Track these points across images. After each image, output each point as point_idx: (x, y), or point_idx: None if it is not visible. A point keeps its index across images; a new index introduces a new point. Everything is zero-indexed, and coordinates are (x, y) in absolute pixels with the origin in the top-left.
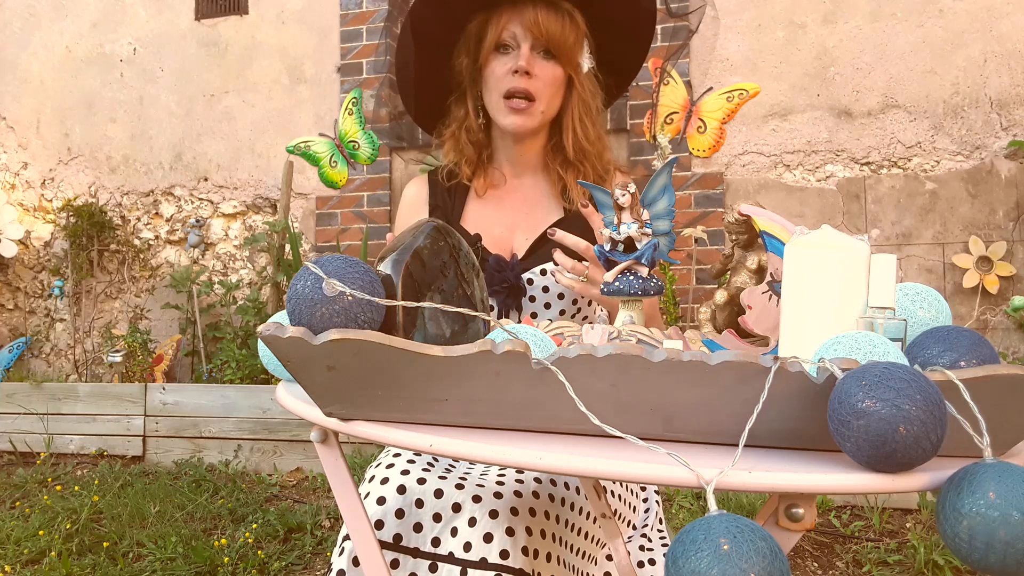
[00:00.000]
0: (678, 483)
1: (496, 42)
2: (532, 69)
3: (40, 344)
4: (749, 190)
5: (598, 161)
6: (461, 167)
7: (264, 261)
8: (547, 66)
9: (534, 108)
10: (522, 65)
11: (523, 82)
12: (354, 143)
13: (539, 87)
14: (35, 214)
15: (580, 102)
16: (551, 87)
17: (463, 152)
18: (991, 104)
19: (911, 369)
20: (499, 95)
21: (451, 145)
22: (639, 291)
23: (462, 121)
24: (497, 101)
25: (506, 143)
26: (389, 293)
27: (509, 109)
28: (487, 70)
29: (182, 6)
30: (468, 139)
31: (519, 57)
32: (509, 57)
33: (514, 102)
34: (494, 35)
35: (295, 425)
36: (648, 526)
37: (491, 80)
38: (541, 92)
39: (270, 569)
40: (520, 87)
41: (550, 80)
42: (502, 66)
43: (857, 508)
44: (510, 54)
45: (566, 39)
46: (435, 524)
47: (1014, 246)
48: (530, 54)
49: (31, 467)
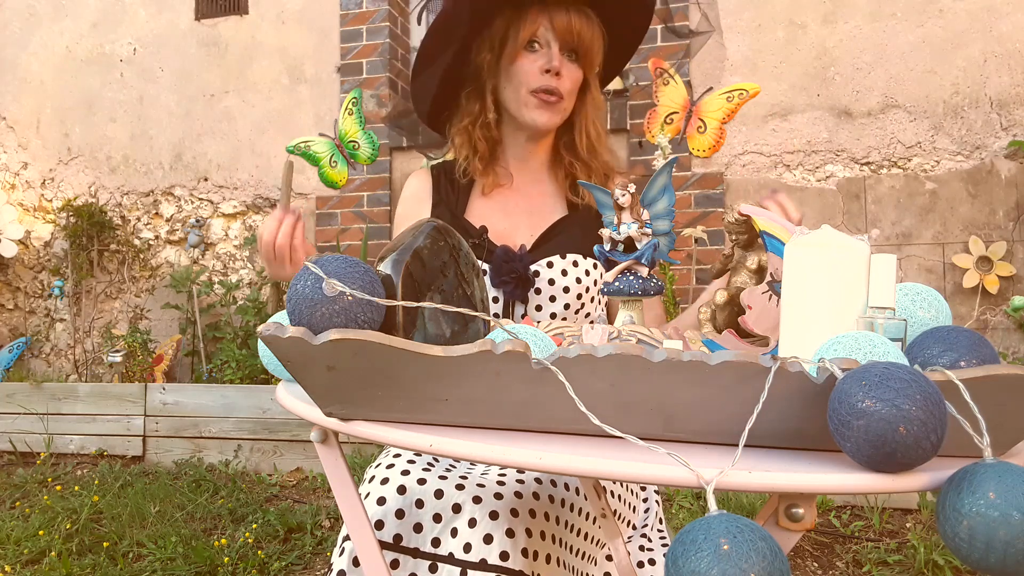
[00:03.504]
0: (678, 483)
1: (528, 40)
2: (562, 70)
3: (40, 344)
4: (749, 190)
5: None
6: (473, 162)
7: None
8: (572, 68)
9: (562, 105)
10: (555, 65)
11: (555, 81)
12: (354, 143)
13: (567, 87)
14: (35, 214)
15: (593, 104)
16: (574, 88)
17: (476, 147)
18: (991, 104)
19: (911, 369)
20: (527, 91)
21: (463, 140)
22: (639, 291)
23: (477, 116)
24: (525, 96)
25: (518, 140)
26: (389, 293)
27: (540, 103)
28: (514, 66)
29: (182, 6)
30: (482, 135)
31: (551, 57)
32: (538, 55)
33: (545, 96)
34: (527, 33)
35: (295, 425)
36: (648, 526)
37: (518, 76)
38: (568, 92)
39: (270, 569)
40: (552, 86)
41: (574, 81)
42: (531, 63)
43: (857, 508)
44: (539, 52)
45: (593, 44)
46: (435, 525)
47: (1014, 246)
48: (560, 55)
49: (31, 467)
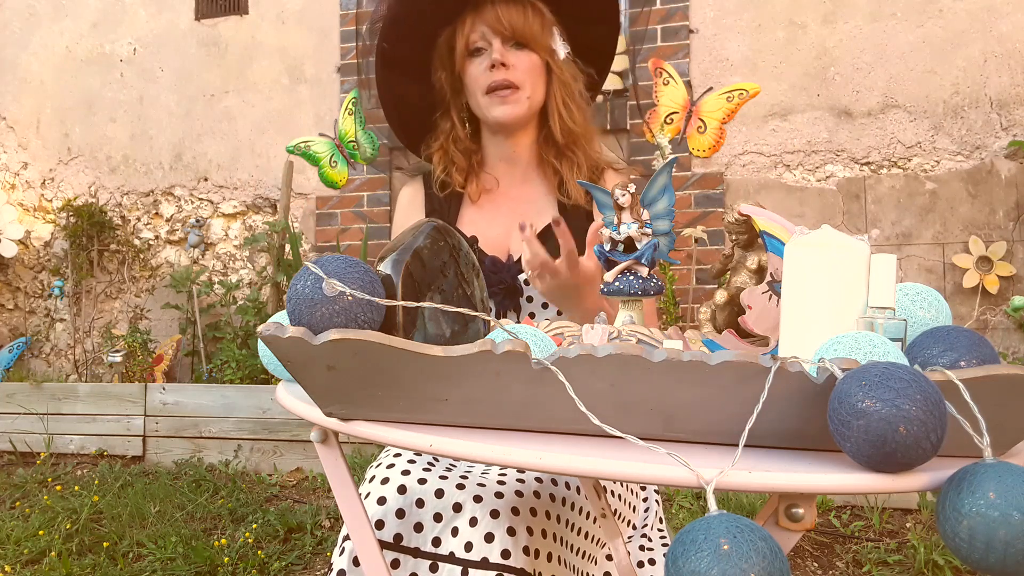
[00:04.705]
0: (678, 483)
1: (467, 48)
2: (507, 60)
3: (40, 344)
4: (749, 190)
5: (588, 147)
6: (452, 175)
7: (264, 261)
8: (521, 55)
9: (520, 95)
10: (496, 58)
11: (501, 73)
12: (354, 143)
13: (519, 75)
14: (35, 214)
15: (561, 85)
16: (531, 74)
17: (453, 161)
18: (991, 104)
19: (911, 369)
20: (482, 93)
21: (440, 157)
22: (639, 291)
23: (448, 133)
24: (482, 99)
25: (498, 141)
26: (389, 293)
27: (496, 99)
28: (466, 76)
29: (182, 6)
30: (456, 148)
31: (492, 52)
32: (483, 57)
33: (499, 92)
34: (463, 41)
35: (295, 425)
36: (648, 526)
37: (471, 83)
38: (523, 80)
39: (270, 569)
40: (500, 79)
41: (527, 67)
42: (478, 66)
43: (857, 508)
44: (484, 54)
45: (530, 27)
46: (436, 524)
47: (1014, 246)
48: (503, 48)
49: (31, 467)
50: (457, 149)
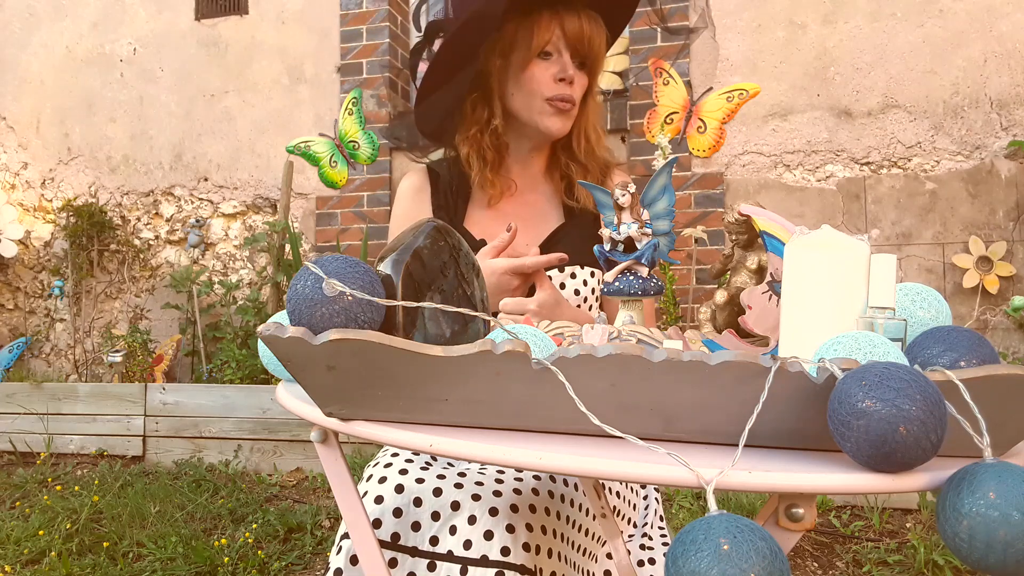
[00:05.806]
0: (678, 483)
1: (539, 47)
2: (574, 78)
3: (40, 344)
4: (749, 190)
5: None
6: (484, 173)
7: (264, 261)
8: (582, 76)
9: (573, 112)
10: (570, 74)
11: (568, 89)
12: (354, 143)
13: (578, 95)
14: (35, 214)
15: (595, 108)
16: (582, 95)
17: (485, 156)
18: (991, 104)
19: (911, 369)
20: (541, 99)
21: (471, 149)
22: (639, 291)
23: (485, 123)
24: (540, 105)
25: (522, 146)
26: (389, 293)
27: (555, 110)
28: (526, 74)
29: (182, 6)
30: (491, 142)
31: (565, 66)
32: (551, 63)
33: (561, 104)
34: (540, 41)
35: (295, 425)
36: (648, 524)
37: (531, 83)
38: (578, 99)
39: (270, 569)
40: (568, 94)
41: (583, 88)
42: (544, 71)
43: (857, 508)
44: (551, 60)
45: (601, 51)
46: (433, 523)
47: (1014, 246)
48: (572, 63)
49: (31, 467)
50: (490, 143)
